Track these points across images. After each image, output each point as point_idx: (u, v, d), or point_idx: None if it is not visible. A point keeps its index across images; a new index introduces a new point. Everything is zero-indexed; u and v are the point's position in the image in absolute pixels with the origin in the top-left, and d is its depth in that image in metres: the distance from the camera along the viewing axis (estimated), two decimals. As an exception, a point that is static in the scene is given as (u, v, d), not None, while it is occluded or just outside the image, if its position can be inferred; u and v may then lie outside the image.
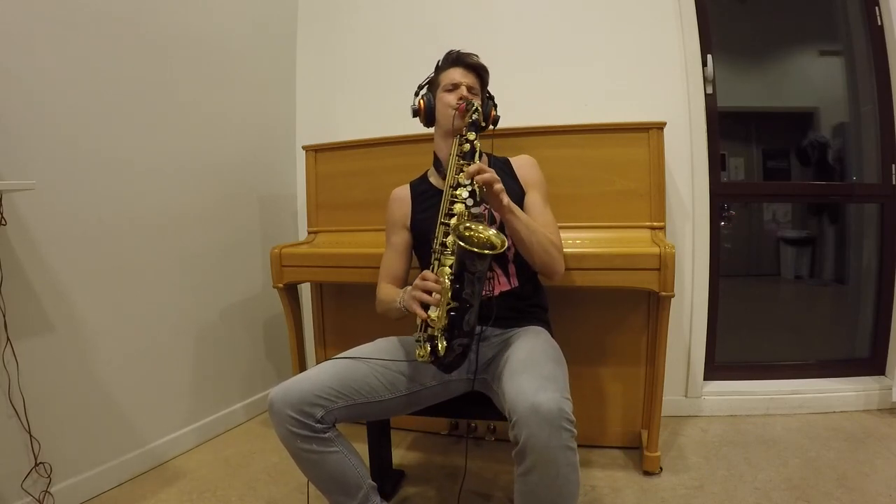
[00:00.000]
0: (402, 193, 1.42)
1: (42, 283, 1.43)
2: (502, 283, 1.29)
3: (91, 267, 1.55)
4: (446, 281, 1.05)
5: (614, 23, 1.99)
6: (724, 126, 2.04)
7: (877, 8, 1.99)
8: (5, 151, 1.32)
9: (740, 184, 3.19)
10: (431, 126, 1.39)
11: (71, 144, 1.49)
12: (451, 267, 1.08)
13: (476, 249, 0.99)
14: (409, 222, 1.38)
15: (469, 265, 1.01)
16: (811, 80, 2.95)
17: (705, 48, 1.96)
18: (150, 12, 1.72)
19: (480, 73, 1.36)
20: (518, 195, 1.32)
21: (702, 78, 1.95)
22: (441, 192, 1.29)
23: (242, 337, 2.14)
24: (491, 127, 1.39)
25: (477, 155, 1.19)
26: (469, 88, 1.32)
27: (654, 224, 1.67)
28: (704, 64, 1.96)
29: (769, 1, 2.81)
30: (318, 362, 2.07)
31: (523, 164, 1.40)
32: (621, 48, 1.98)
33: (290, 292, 1.88)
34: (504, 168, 1.37)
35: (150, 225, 1.73)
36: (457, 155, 1.21)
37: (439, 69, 1.37)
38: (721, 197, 2.06)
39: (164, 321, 1.79)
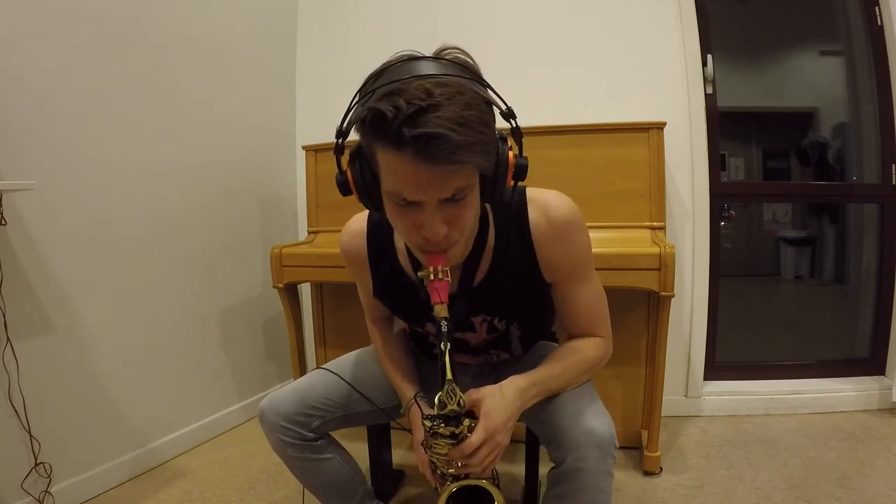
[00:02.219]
0: (357, 257, 0.98)
1: (42, 283, 1.43)
2: (504, 355, 1.09)
3: (91, 267, 1.55)
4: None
5: (614, 23, 1.99)
6: (724, 126, 2.04)
7: (877, 8, 1.99)
8: (5, 151, 1.32)
9: (740, 184, 3.20)
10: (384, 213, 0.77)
11: (71, 144, 1.49)
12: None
13: None
14: (372, 292, 1.03)
15: None
16: (811, 80, 2.96)
17: (705, 48, 1.96)
18: (150, 12, 1.71)
19: (470, 162, 0.64)
20: (535, 293, 0.93)
21: (702, 78, 1.95)
22: (409, 281, 0.93)
23: (242, 337, 2.14)
24: (511, 182, 0.77)
25: (462, 424, 0.76)
26: (447, 200, 0.69)
27: (654, 224, 1.67)
28: (704, 64, 1.96)
29: (769, 1, 2.81)
30: (318, 363, 2.08)
31: (552, 240, 0.86)
32: (621, 48, 1.98)
33: (290, 292, 1.87)
34: (516, 244, 0.87)
35: (150, 225, 1.73)
36: (430, 437, 0.78)
37: (369, 132, 0.66)
38: (721, 197, 2.06)
39: (165, 321, 1.79)
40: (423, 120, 0.60)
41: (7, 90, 1.33)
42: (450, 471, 0.82)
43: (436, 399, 0.74)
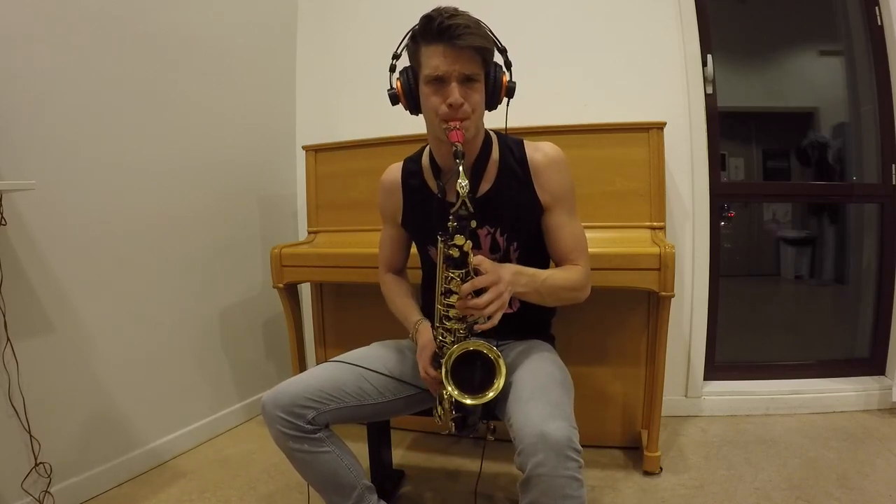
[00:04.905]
0: (393, 184, 1.22)
1: (42, 283, 1.43)
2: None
3: (91, 267, 1.55)
4: (445, 398, 1.05)
5: (614, 23, 1.99)
6: (724, 126, 2.04)
7: (877, 8, 1.99)
8: (5, 151, 1.32)
9: (740, 184, 3.19)
10: (418, 114, 1.08)
11: (71, 144, 1.49)
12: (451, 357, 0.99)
13: (469, 402, 0.97)
14: (400, 220, 1.24)
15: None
16: (811, 80, 2.96)
17: (705, 48, 1.96)
18: (150, 12, 1.72)
19: (480, 52, 0.99)
20: (531, 213, 1.12)
21: (702, 78, 1.95)
22: (436, 196, 1.14)
23: (242, 337, 2.14)
24: (505, 99, 1.09)
25: (469, 257, 0.95)
26: (464, 79, 0.98)
27: (654, 224, 1.67)
28: (704, 64, 1.96)
29: (769, 1, 2.81)
30: (318, 363, 2.08)
31: (546, 168, 1.10)
32: (621, 48, 1.98)
33: (290, 292, 1.88)
34: (517, 173, 1.12)
35: (150, 225, 1.73)
36: (443, 262, 0.97)
37: (416, 39, 1.01)
38: (721, 197, 2.06)
39: (164, 321, 1.79)
40: (453, 19, 0.95)
41: (7, 90, 1.33)
42: (457, 326, 0.99)
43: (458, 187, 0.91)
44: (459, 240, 0.93)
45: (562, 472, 0.84)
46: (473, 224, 0.93)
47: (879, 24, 1.99)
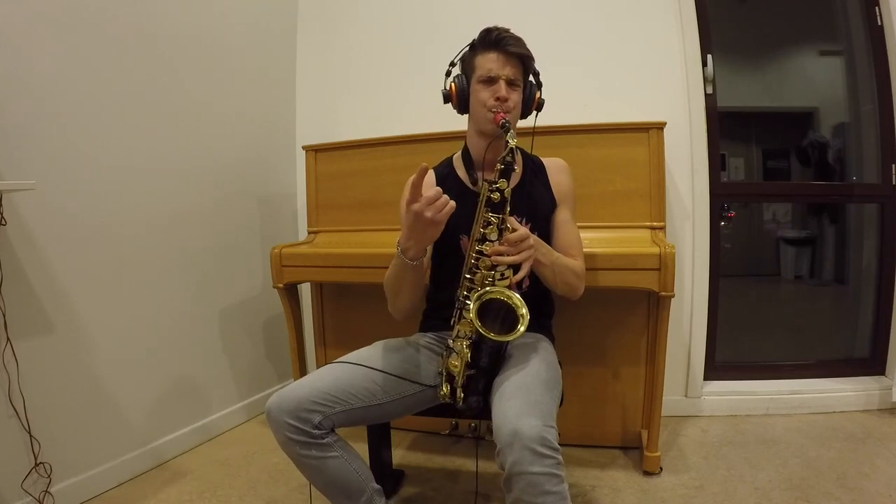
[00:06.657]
0: (429, 181, 1.31)
1: (42, 283, 1.43)
2: (513, 286, 1.26)
3: (91, 267, 1.55)
4: (464, 348, 1.06)
5: (614, 23, 1.99)
6: (724, 126, 2.04)
7: (877, 8, 1.99)
8: (5, 151, 1.32)
9: (740, 184, 3.20)
10: (465, 113, 1.26)
11: (71, 145, 1.49)
12: (471, 327, 1.04)
13: (493, 337, 1.00)
14: None
15: (487, 340, 1.03)
16: (811, 80, 2.96)
17: (705, 48, 1.96)
18: (151, 12, 1.72)
19: (524, 61, 1.20)
20: (548, 206, 1.29)
21: (702, 78, 1.95)
22: (468, 190, 1.26)
23: (242, 337, 2.14)
24: (535, 112, 1.27)
25: (507, 206, 1.07)
26: (509, 82, 1.17)
27: (654, 224, 1.67)
28: (704, 64, 1.96)
29: (769, 1, 2.81)
30: (318, 363, 2.08)
31: (558, 172, 1.33)
32: (621, 48, 1.98)
33: (290, 292, 1.87)
34: (537, 173, 1.31)
35: (150, 225, 1.73)
36: (484, 205, 1.08)
37: (474, 48, 1.21)
38: (721, 197, 2.06)
39: (164, 321, 1.79)
40: (506, 33, 1.18)
41: (7, 90, 1.33)
42: (485, 274, 1.08)
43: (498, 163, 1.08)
44: (503, 183, 1.06)
45: (537, 468, 0.85)
46: (517, 169, 1.13)
47: (879, 24, 1.99)
